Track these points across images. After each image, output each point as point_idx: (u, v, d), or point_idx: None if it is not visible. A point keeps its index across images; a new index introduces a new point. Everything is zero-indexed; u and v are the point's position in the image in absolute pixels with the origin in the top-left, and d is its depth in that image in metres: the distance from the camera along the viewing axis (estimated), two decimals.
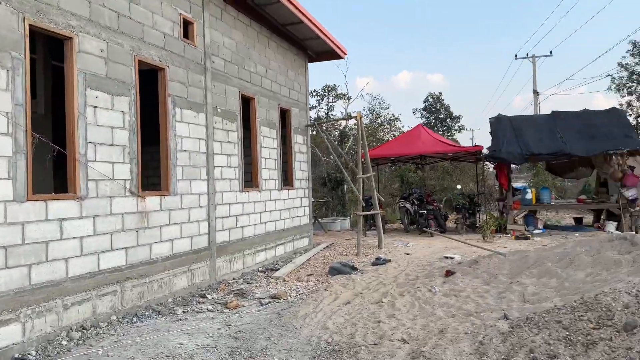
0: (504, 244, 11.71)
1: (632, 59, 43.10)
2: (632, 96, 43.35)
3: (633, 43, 42.86)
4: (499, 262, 7.18)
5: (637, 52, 43.14)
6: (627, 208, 12.76)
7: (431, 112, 52.61)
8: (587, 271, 5.72)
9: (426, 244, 11.96)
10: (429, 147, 13.91)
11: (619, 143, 12.61)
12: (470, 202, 14.64)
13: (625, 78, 43.81)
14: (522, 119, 14.59)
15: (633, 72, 43.40)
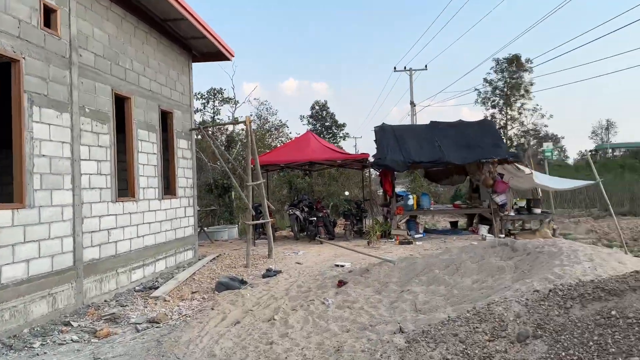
0: (389, 248, 11.97)
1: (495, 75, 47.81)
2: (495, 109, 48.04)
3: (496, 61, 47.52)
4: (389, 270, 7.16)
5: (500, 69, 47.95)
6: (498, 212, 13.77)
7: (317, 120, 53.57)
8: (474, 278, 5.85)
9: (316, 252, 11.82)
10: (319, 154, 13.88)
11: (490, 152, 13.58)
12: (357, 208, 14.86)
13: (489, 92, 48.41)
14: (404, 129, 15.16)
15: (496, 87, 48.11)
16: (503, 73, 47.10)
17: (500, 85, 47.55)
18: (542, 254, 5.56)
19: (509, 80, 46.70)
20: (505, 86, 47.10)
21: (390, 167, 13.51)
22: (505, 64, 46.49)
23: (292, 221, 14.52)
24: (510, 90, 46.80)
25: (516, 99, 47.43)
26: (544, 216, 14.05)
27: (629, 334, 3.29)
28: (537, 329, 3.76)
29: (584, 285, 3.88)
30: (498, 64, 46.77)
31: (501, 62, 46.61)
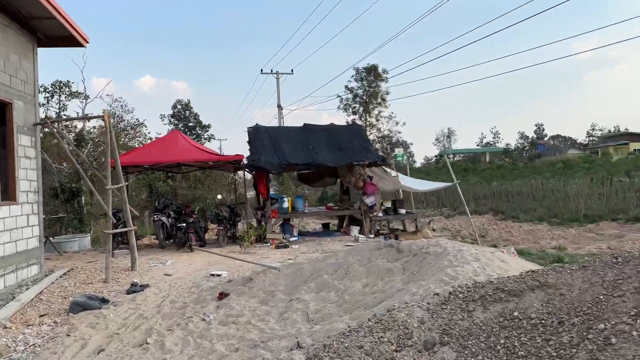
0: (266, 253, 11.56)
1: (356, 84, 50.21)
2: (355, 115, 50.43)
3: (356, 69, 49.91)
4: (274, 278, 6.75)
5: (359, 78, 50.45)
6: (367, 214, 14.17)
7: (180, 119, 51.19)
8: (363, 281, 5.70)
9: (187, 261, 10.93)
10: (189, 155, 12.92)
11: (360, 155, 13.92)
12: (230, 212, 14.19)
13: (350, 99, 50.68)
14: (278, 130, 14.91)
15: (357, 95, 50.53)
16: (362, 82, 49.67)
17: (360, 93, 50.07)
18: (428, 254, 5.62)
19: (367, 89, 49.38)
20: (364, 94, 49.71)
21: (266, 169, 13.13)
22: (364, 73, 49.09)
23: (157, 228, 13.34)
24: (368, 98, 49.52)
25: (374, 107, 50.35)
26: (409, 216, 14.83)
27: (534, 336, 3.31)
28: (443, 335, 3.64)
29: (484, 287, 3.87)
30: (358, 72, 49.24)
31: (361, 71, 49.14)
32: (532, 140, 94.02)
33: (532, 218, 21.64)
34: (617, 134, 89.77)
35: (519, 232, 18.55)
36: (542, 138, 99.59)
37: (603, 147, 78.41)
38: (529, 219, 21.71)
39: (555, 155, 69.42)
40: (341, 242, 12.83)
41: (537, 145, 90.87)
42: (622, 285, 3.18)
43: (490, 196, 28.23)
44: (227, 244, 13.16)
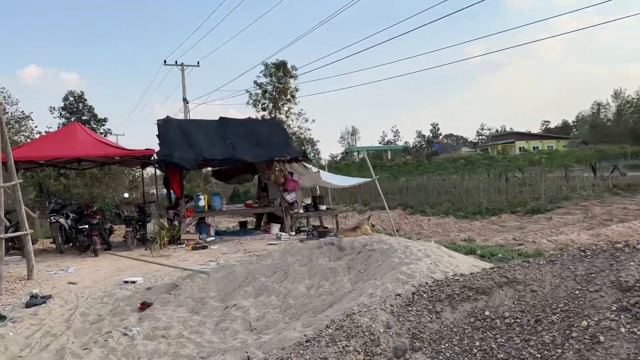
0: (183, 255, 10.77)
1: (265, 79, 49.58)
2: (265, 112, 49.81)
3: (265, 65, 49.28)
4: (203, 283, 6.15)
5: (269, 73, 49.91)
6: (289, 211, 13.81)
7: (72, 112, 47.18)
8: (307, 283, 5.34)
9: (93, 267, 9.83)
10: (91, 149, 11.62)
11: (282, 150, 13.51)
12: (139, 212, 13.08)
13: (260, 95, 49.95)
14: (192, 123, 14.05)
15: (266, 91, 49.92)
16: (272, 77, 49.16)
17: (269, 89, 49.52)
18: (373, 252, 5.38)
19: (277, 85, 48.97)
20: (274, 90, 49.26)
21: (180, 165, 12.25)
22: (274, 69, 48.59)
23: (54, 231, 11.93)
24: (278, 94, 49.14)
25: (284, 103, 50.06)
26: (330, 212, 14.70)
27: (512, 336, 3.16)
28: (413, 340, 3.39)
29: (450, 285, 3.68)
30: (267, 68, 48.64)
31: (270, 67, 48.58)
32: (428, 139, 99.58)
33: (438, 212, 22.61)
34: (504, 133, 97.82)
35: (428, 226, 19.23)
36: (437, 137, 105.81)
37: (492, 145, 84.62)
38: (435, 212, 22.66)
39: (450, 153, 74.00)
40: (263, 241, 12.35)
41: (434, 143, 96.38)
42: (596, 280, 3.12)
43: (397, 191, 29.16)
44: (136, 247, 12.10)
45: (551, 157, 25.52)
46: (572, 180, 24.72)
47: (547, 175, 25.38)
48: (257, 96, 48.81)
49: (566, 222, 17.11)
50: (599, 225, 16.27)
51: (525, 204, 21.61)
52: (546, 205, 20.55)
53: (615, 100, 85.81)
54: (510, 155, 36.23)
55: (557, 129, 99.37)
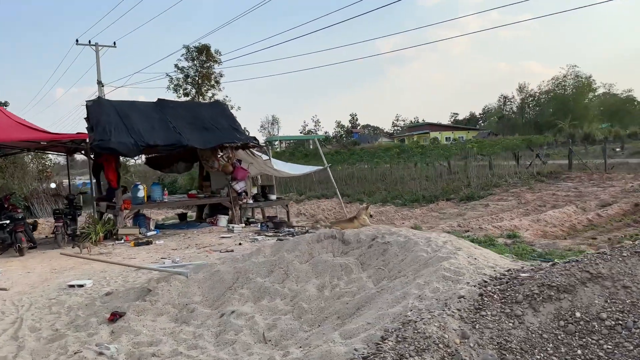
0: (126, 252, 9.60)
1: (187, 63, 47.20)
2: (188, 97, 47.46)
3: (187, 48, 46.91)
4: (182, 287, 5.28)
5: (190, 57, 47.58)
6: (237, 201, 12.92)
7: None
8: (315, 283, 4.69)
9: (22, 268, 8.42)
10: (12, 134, 9.94)
11: (230, 136, 12.57)
12: (69, 205, 11.54)
13: (181, 79, 47.51)
14: (127, 105, 12.62)
15: (188, 75, 47.57)
16: (194, 61, 46.90)
17: (191, 74, 47.26)
18: (389, 245, 4.84)
19: (200, 69, 46.80)
20: (196, 75, 47.08)
21: (118, 151, 10.92)
22: (196, 53, 46.35)
23: None
24: (201, 79, 47.01)
25: (207, 89, 47.98)
26: (280, 202, 13.99)
27: (620, 341, 2.76)
28: (501, 351, 2.90)
29: (524, 284, 3.23)
30: (189, 51, 46.30)
31: (192, 50, 46.29)
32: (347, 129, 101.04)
33: (375, 200, 22.63)
34: (418, 124, 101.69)
35: (373, 214, 19.17)
36: (356, 127, 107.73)
37: (408, 135, 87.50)
38: (373, 201, 22.66)
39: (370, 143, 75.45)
40: (213, 234, 11.40)
41: (353, 133, 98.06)
42: None
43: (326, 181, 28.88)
44: (67, 244, 10.66)
45: (480, 146, 26.52)
46: (495, 168, 25.90)
47: (472, 164, 26.46)
48: (178, 80, 46.41)
49: (502, 209, 17.71)
50: (534, 211, 16.99)
51: (458, 191, 22.24)
52: (478, 192, 21.26)
53: (519, 94, 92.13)
54: (434, 144, 37.36)
55: (465, 121, 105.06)
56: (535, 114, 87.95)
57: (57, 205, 27.30)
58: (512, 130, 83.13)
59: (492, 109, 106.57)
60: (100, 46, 36.80)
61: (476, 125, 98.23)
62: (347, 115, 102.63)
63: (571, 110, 67.71)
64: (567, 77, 75.83)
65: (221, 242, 10.21)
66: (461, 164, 26.57)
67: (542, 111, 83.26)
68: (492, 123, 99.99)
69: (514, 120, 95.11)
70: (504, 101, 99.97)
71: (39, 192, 26.58)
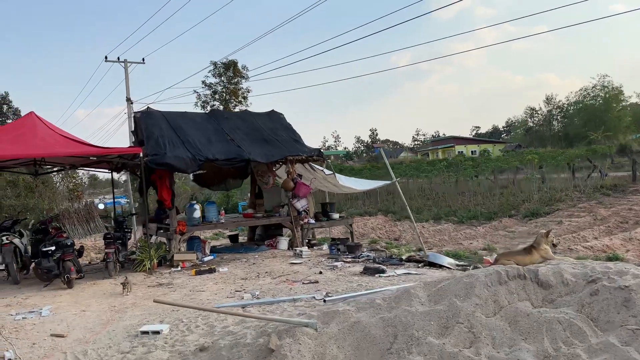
0: (191, 283, 8.28)
1: (214, 79, 46.57)
2: None
3: (214, 64, 46.26)
4: (314, 344, 3.87)
5: (218, 73, 46.93)
6: (298, 221, 11.56)
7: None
8: (528, 349, 3.24)
9: (74, 305, 7.13)
10: (58, 148, 8.73)
11: (293, 148, 11.27)
12: (118, 227, 10.30)
13: (209, 96, 46.81)
14: (179, 116, 11.44)
15: (215, 91, 46.87)
16: (221, 77, 46.28)
17: (219, 90, 46.59)
18: (631, 291, 3.38)
19: (227, 86, 46.12)
20: (224, 91, 46.38)
21: (175, 167, 9.68)
22: (223, 69, 45.70)
23: (7, 256, 8.95)
24: (229, 95, 46.27)
25: (235, 105, 47.19)
26: (344, 221, 12.59)
27: None
28: None
29: None
30: (216, 67, 45.68)
31: (219, 66, 45.65)
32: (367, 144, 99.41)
33: (427, 217, 21.07)
34: (442, 137, 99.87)
35: (429, 233, 17.58)
36: (376, 142, 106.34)
37: (432, 149, 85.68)
38: (423, 218, 21.09)
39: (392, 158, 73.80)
40: (279, 260, 10.04)
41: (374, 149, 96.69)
42: None
43: (367, 195, 27.34)
44: (119, 272, 9.38)
45: (541, 158, 24.79)
46: (549, 181, 24.12)
47: (534, 177, 24.61)
48: (206, 97, 45.75)
49: (579, 226, 16.02)
50: (617, 228, 15.32)
51: (517, 207, 20.58)
52: (542, 208, 19.56)
53: (547, 105, 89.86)
54: (484, 156, 35.18)
55: (488, 134, 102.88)
56: (563, 126, 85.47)
57: (89, 225, 26.51)
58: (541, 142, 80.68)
59: (516, 121, 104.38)
60: (129, 62, 36.19)
61: (499, 138, 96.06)
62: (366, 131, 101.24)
63: (603, 122, 65.31)
64: (596, 87, 73.47)
65: (295, 270, 8.83)
66: (504, 178, 24.89)
67: (570, 123, 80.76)
68: (517, 135, 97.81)
69: (542, 132, 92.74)
70: (531, 113, 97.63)
71: (70, 212, 25.67)
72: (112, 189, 12.35)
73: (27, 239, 9.72)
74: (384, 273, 7.77)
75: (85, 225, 25.99)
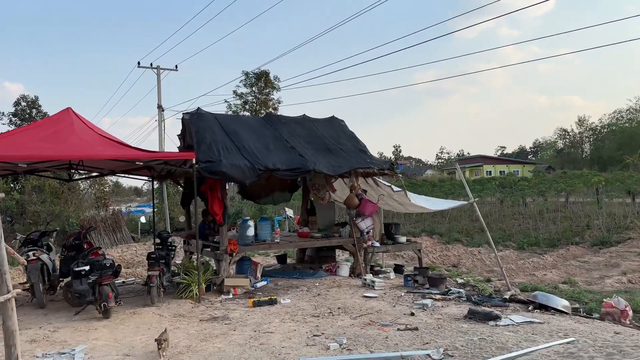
0: (249, 318, 6.78)
1: (245, 89, 45.64)
2: None
3: (245, 74, 45.33)
4: None
5: (249, 83, 46.00)
6: (362, 243, 10.04)
7: (24, 119, 41.65)
8: None
9: (114, 345, 5.68)
10: (98, 149, 7.37)
11: (361, 160, 9.80)
12: (162, 245, 8.90)
13: (239, 105, 45.84)
14: (232, 120, 10.12)
15: (246, 102, 45.88)
16: (252, 88, 45.38)
17: (250, 100, 45.66)
18: None
19: (258, 96, 45.16)
20: (255, 101, 45.43)
21: (231, 177, 8.26)
22: (255, 79, 44.79)
23: (33, 274, 7.59)
24: (260, 106, 45.28)
25: None
26: (412, 246, 11.00)
27: None
28: None
29: None
30: (248, 77, 44.78)
31: (251, 76, 44.74)
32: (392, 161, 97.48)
33: (480, 242, 19.32)
34: (469, 156, 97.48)
35: (491, 261, 15.85)
36: (399, 159, 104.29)
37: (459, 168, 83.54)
38: (475, 242, 19.36)
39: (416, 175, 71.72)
40: (344, 289, 8.50)
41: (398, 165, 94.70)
42: None
43: (413, 216, 25.66)
44: (163, 298, 7.93)
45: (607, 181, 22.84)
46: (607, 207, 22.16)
47: (603, 201, 22.62)
48: (236, 107, 44.83)
49: None
50: None
51: (580, 234, 18.72)
52: (611, 236, 17.68)
53: (578, 127, 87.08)
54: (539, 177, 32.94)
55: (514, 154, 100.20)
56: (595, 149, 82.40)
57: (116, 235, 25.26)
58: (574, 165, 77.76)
59: (544, 142, 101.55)
60: (162, 69, 35.34)
61: (526, 159, 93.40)
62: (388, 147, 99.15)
63: (639, 145, 62.46)
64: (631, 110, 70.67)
65: (374, 308, 7.27)
66: (553, 201, 23.02)
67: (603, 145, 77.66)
68: (546, 157, 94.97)
69: (574, 154, 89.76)
70: (563, 134, 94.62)
71: (97, 220, 24.48)
72: (152, 199, 10.96)
73: (54, 254, 8.39)
74: (499, 320, 6.16)
75: (112, 235, 24.78)
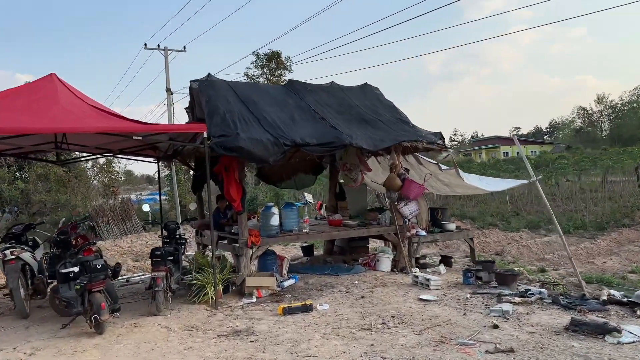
0: (283, 334, 5.27)
1: (257, 71, 43.88)
2: None
3: (257, 55, 43.56)
4: None
5: (260, 64, 44.22)
6: (404, 232, 8.48)
7: None
8: None
9: None
10: (87, 120, 5.83)
11: (405, 132, 8.19)
12: (169, 238, 7.41)
13: None
14: (250, 87, 8.53)
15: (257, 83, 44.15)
16: (264, 69, 43.66)
17: (261, 82, 43.95)
18: None
19: (269, 78, 43.42)
20: (267, 82, 43.71)
21: (252, 153, 6.68)
22: (266, 60, 43.05)
23: (12, 277, 6.16)
24: None
25: None
26: (464, 234, 9.40)
27: None
28: None
29: None
30: (259, 58, 43.03)
31: (262, 58, 42.98)
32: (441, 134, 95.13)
33: (518, 226, 17.62)
34: (485, 137, 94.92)
35: (537, 247, 14.24)
36: None
37: (475, 149, 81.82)
38: (514, 227, 17.67)
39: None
40: (391, 290, 6.96)
41: None
42: None
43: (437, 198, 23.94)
44: (170, 305, 6.46)
45: None
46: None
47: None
48: None
49: None
50: None
51: (630, 216, 16.98)
52: None
53: (598, 106, 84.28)
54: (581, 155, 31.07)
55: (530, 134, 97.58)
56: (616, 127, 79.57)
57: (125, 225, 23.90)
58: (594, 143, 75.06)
59: (561, 122, 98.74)
60: (170, 50, 33.67)
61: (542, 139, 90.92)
62: None
63: None
64: None
65: (439, 317, 5.72)
66: (588, 181, 21.22)
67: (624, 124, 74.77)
68: (564, 136, 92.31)
69: (594, 133, 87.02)
70: (583, 114, 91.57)
71: (105, 210, 23.06)
72: (159, 184, 9.45)
73: (41, 251, 6.95)
74: (618, 335, 4.58)
75: (122, 225, 23.39)
